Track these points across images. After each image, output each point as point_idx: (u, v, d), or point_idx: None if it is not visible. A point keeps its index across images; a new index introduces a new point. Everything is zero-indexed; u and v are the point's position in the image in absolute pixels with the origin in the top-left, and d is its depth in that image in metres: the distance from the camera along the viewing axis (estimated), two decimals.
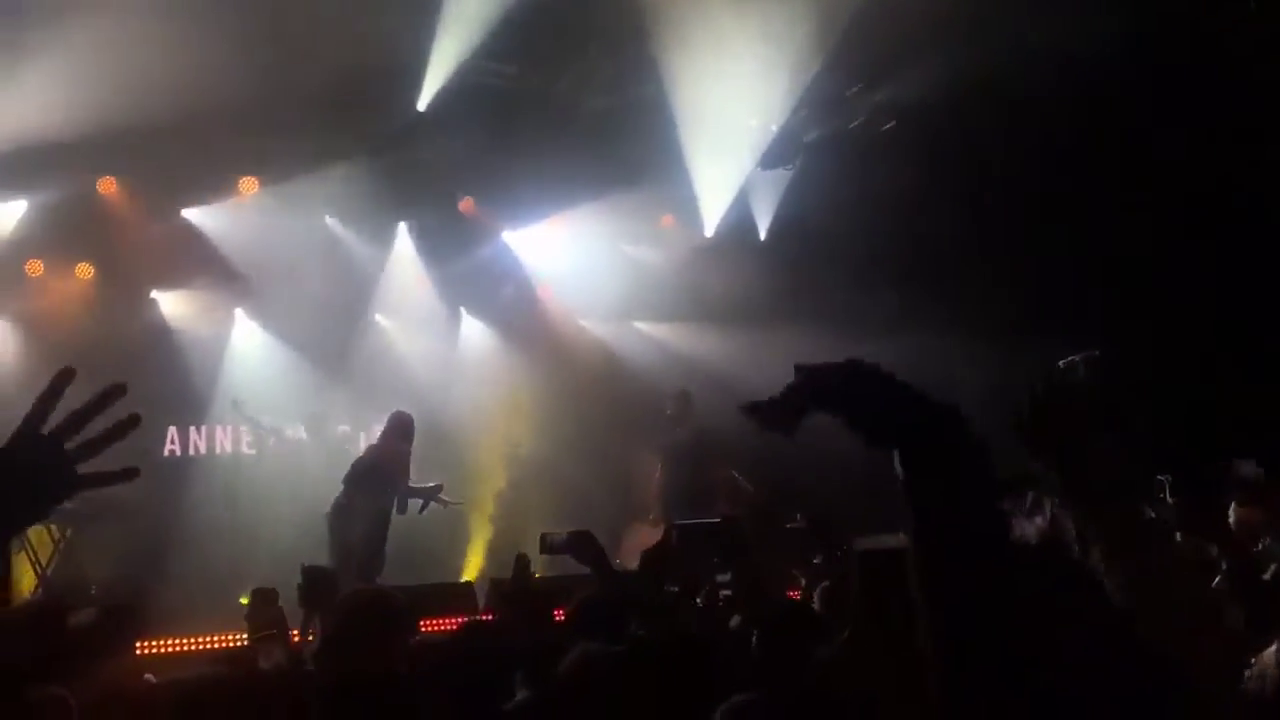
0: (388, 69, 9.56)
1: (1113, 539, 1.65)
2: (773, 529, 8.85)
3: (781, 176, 11.39)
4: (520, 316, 12.07)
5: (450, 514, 9.88)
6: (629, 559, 8.46)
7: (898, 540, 1.90)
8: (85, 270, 10.37)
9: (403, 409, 9.23)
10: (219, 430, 11.10)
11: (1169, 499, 5.60)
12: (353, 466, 9.02)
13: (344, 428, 11.19)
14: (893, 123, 10.02)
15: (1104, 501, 1.72)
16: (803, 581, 5.82)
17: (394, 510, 8.87)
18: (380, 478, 8.79)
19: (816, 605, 3.91)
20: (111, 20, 8.14)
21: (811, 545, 5.63)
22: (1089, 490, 1.75)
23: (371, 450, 9.33)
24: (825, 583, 4.08)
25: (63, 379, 1.52)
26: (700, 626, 3.97)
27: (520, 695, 3.40)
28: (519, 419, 11.58)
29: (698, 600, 4.92)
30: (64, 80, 8.35)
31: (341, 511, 8.71)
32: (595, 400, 11.42)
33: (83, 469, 1.52)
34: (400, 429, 9.04)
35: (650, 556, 3.78)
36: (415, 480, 9.03)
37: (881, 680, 1.88)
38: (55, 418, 1.51)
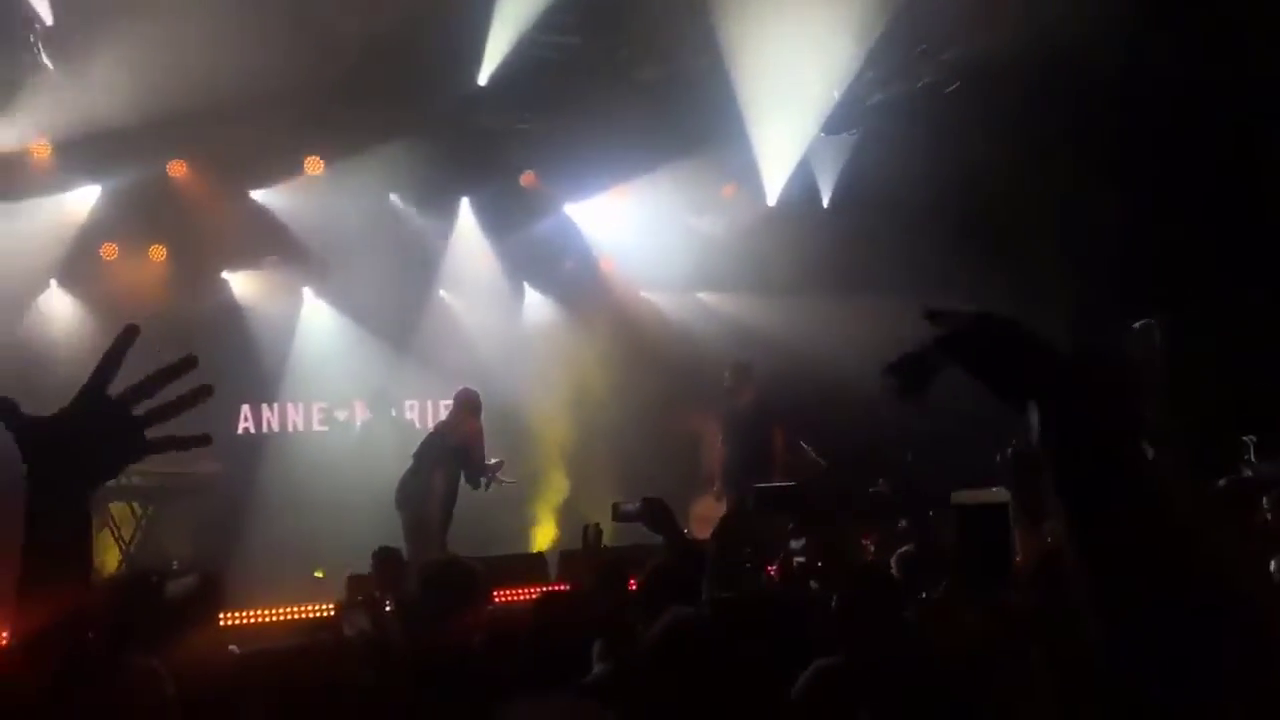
0: (448, 45, 9.59)
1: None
2: (841, 496, 8.81)
3: (845, 142, 11.26)
4: (583, 289, 12.09)
5: (517, 488, 9.95)
6: (695, 530, 8.48)
7: (997, 495, 1.87)
8: (158, 252, 10.56)
9: (469, 385, 9.30)
10: (290, 408, 11.29)
11: (1254, 459, 5.49)
12: (423, 442, 9.14)
13: (412, 402, 11.36)
14: (958, 84, 9.82)
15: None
16: (871, 549, 5.78)
17: (460, 485, 8.95)
18: (451, 453, 8.88)
19: (894, 570, 3.88)
20: (178, 5, 8.27)
21: (890, 511, 5.55)
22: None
23: (441, 426, 9.44)
24: (904, 548, 4.04)
25: (126, 337, 1.50)
26: (776, 593, 3.95)
27: (598, 666, 3.42)
28: (584, 392, 11.61)
29: (770, 568, 4.91)
30: (133, 66, 8.48)
31: (410, 487, 8.82)
32: (659, 372, 11.40)
33: (152, 434, 1.50)
34: (468, 405, 9.12)
35: (725, 523, 3.77)
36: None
37: (980, 635, 1.86)
38: (122, 386, 1.50)
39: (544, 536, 11.16)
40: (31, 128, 9.26)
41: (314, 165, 10.65)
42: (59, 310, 10.14)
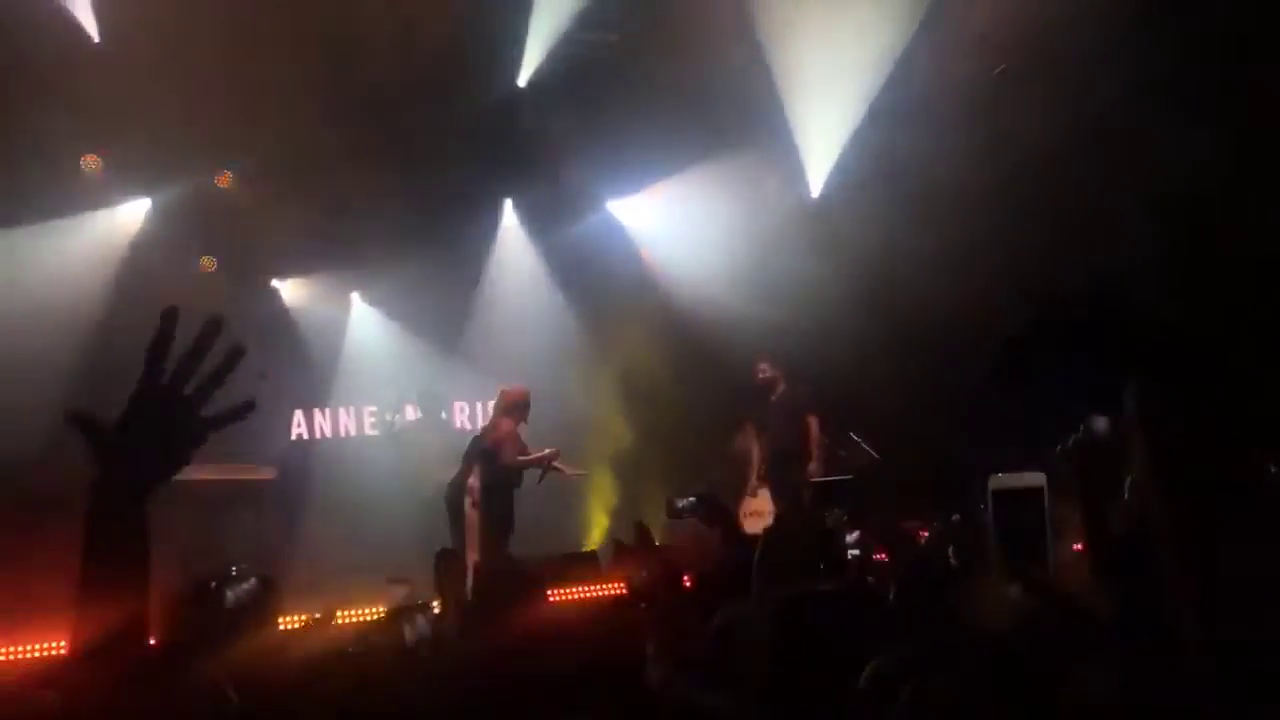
0: (488, 46, 9.61)
1: None
2: (894, 488, 8.73)
3: (889, 130, 11.11)
4: (627, 286, 12.06)
5: (567, 486, 9.94)
6: (747, 525, 8.43)
7: (1031, 479, 1.84)
8: (209, 263, 10.67)
9: (513, 383, 9.27)
10: (342, 412, 11.38)
11: None
12: (470, 444, 9.17)
13: (462, 404, 11.42)
14: (1004, 67, 9.67)
15: None
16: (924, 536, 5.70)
17: (517, 483, 8.95)
18: (482, 455, 8.87)
19: (952, 560, 3.82)
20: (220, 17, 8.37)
21: (945, 501, 5.48)
22: None
23: (485, 428, 9.46)
24: (959, 536, 3.98)
25: (167, 325, 1.50)
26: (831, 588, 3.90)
27: (653, 667, 3.38)
28: (631, 389, 11.60)
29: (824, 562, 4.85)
30: (180, 77, 8.60)
31: (458, 489, 8.85)
32: (706, 367, 11.34)
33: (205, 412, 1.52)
34: (501, 405, 9.09)
35: (779, 520, 3.74)
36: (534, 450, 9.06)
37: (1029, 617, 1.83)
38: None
39: (598, 534, 11.16)
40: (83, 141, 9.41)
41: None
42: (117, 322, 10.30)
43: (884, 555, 3.88)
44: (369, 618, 7.31)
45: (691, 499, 6.49)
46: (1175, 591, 1.01)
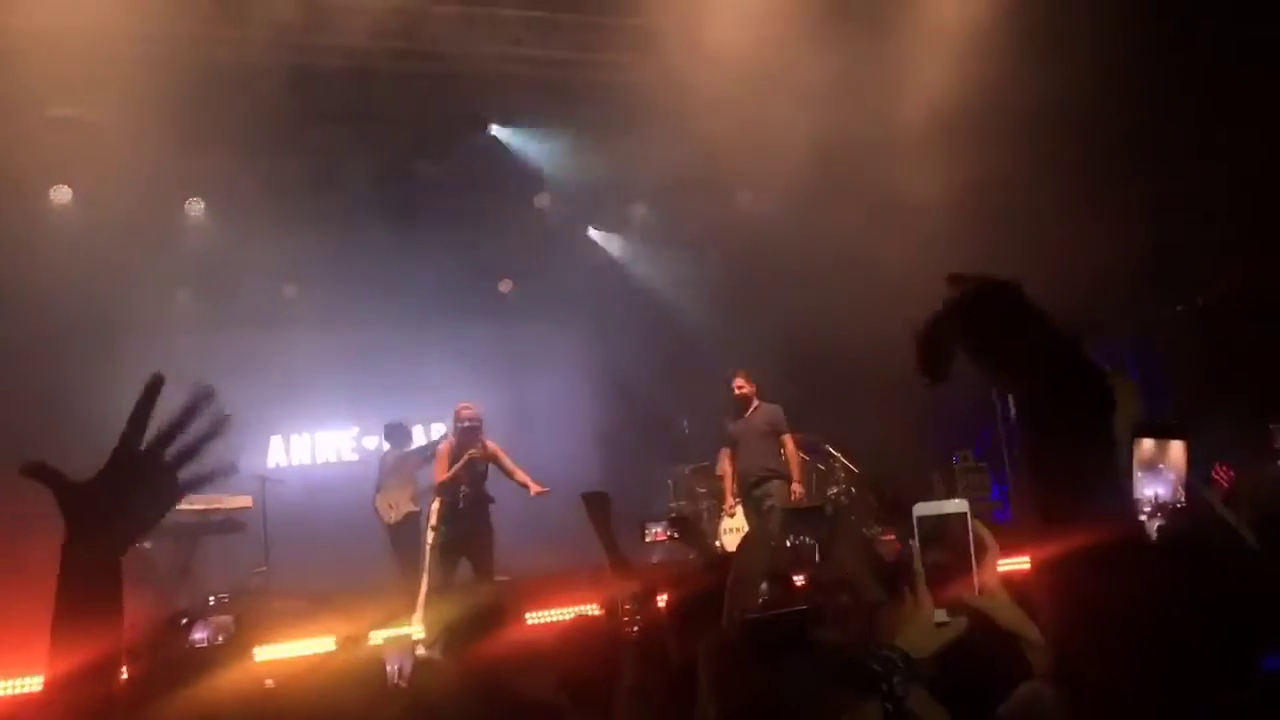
0: None
1: None
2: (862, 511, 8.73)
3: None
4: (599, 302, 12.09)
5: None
6: (726, 544, 8.44)
7: (957, 506, 1.89)
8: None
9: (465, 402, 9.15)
10: (320, 437, 11.37)
11: None
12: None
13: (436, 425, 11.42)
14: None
15: None
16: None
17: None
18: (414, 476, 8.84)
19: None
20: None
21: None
22: None
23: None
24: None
25: (153, 390, 1.54)
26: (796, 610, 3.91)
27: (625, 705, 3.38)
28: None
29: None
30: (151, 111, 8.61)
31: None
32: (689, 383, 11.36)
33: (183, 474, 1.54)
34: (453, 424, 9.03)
35: (745, 543, 3.75)
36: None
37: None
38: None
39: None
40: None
41: None
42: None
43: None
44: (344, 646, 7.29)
45: (664, 522, 6.55)
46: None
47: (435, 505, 8.56)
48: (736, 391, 9.37)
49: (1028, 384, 1.11)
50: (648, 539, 5.93)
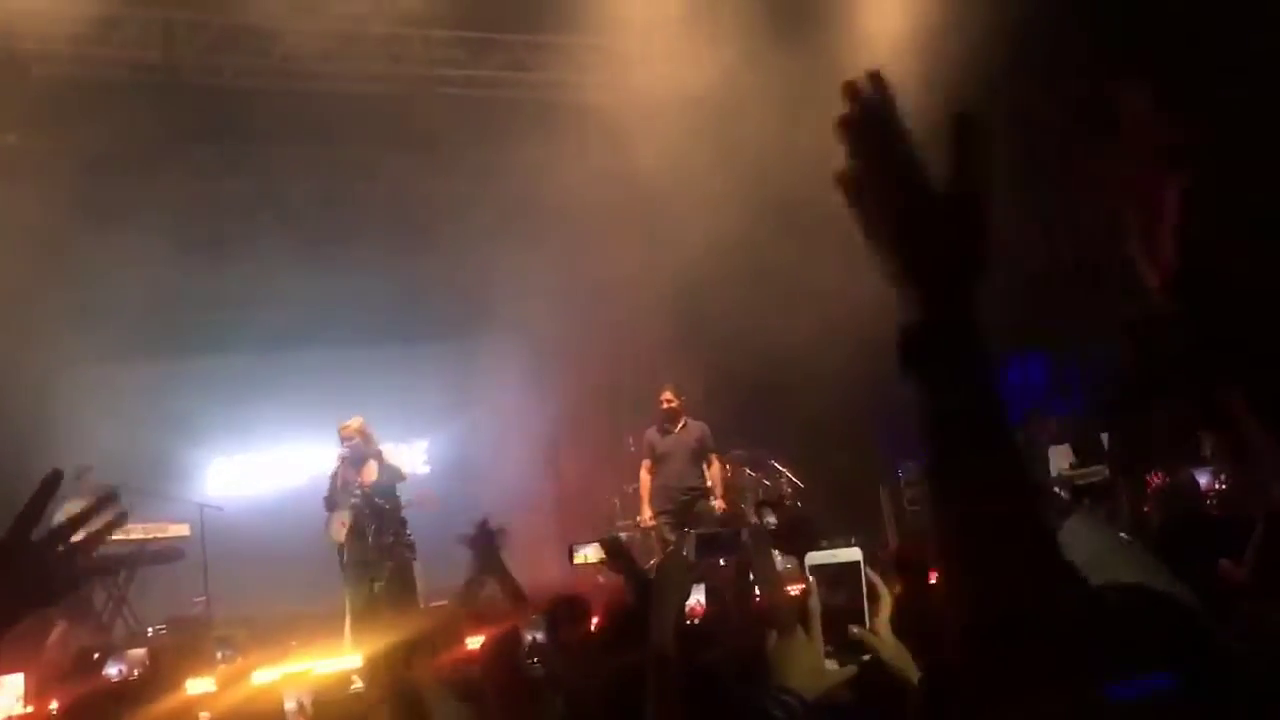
0: None
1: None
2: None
3: None
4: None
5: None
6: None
7: (850, 554, 1.91)
8: None
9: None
10: (255, 465, 11.24)
11: None
12: None
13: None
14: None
15: None
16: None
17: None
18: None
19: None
20: None
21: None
22: None
23: None
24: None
25: (50, 484, 1.56)
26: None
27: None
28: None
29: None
30: None
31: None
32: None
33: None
34: None
35: (661, 568, 3.74)
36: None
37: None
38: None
39: None
40: None
41: None
42: None
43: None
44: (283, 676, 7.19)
45: (594, 543, 6.44)
46: None
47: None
48: (664, 405, 9.11)
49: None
50: (576, 561, 5.87)
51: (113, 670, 3.57)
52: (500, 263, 10.99)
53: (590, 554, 4.32)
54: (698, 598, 4.12)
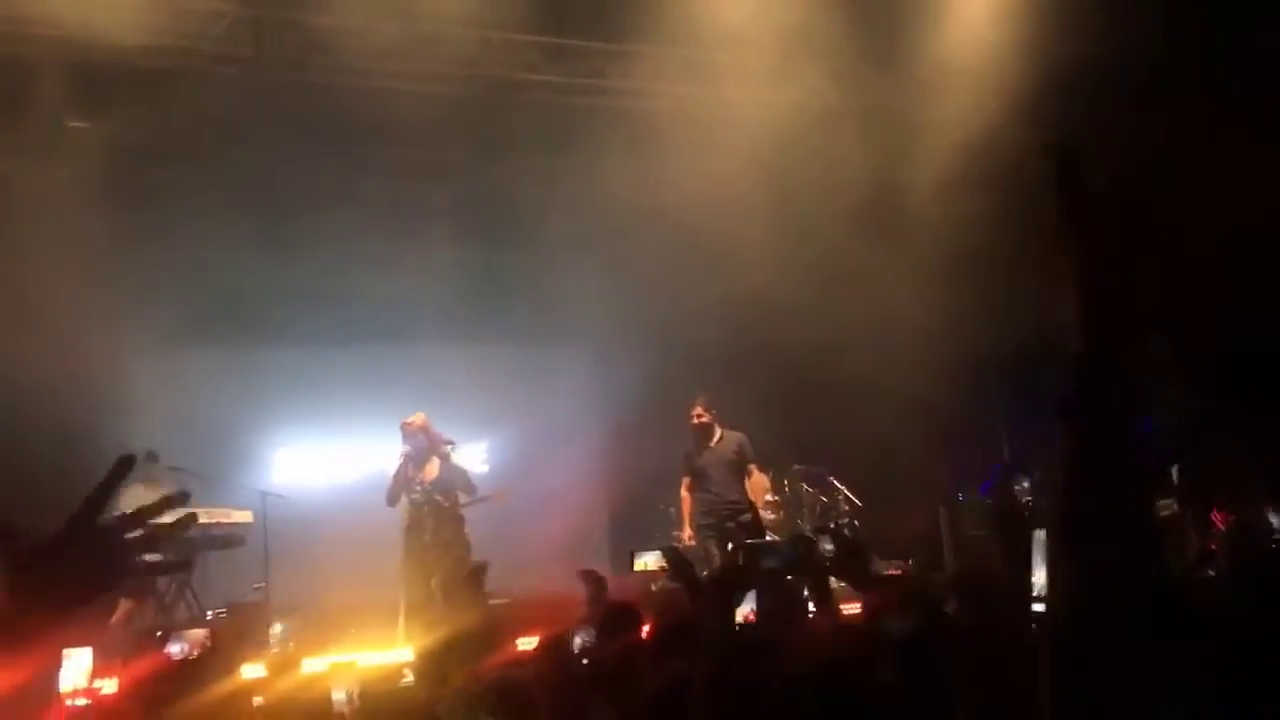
0: None
1: None
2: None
3: None
4: None
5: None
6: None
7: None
8: None
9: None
10: (321, 455, 11.40)
11: None
12: None
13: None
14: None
15: None
16: None
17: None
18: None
19: None
20: None
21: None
22: None
23: None
24: None
25: (121, 469, 1.56)
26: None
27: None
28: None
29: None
30: None
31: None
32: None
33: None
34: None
35: (719, 579, 3.74)
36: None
37: None
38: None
39: None
40: None
41: None
42: None
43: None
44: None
45: (655, 551, 6.48)
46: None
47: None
48: (695, 420, 8.94)
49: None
50: (636, 568, 5.88)
51: (174, 648, 3.65)
52: (569, 270, 11.08)
53: (651, 561, 4.33)
54: (751, 606, 4.11)
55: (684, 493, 9.12)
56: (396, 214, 10.74)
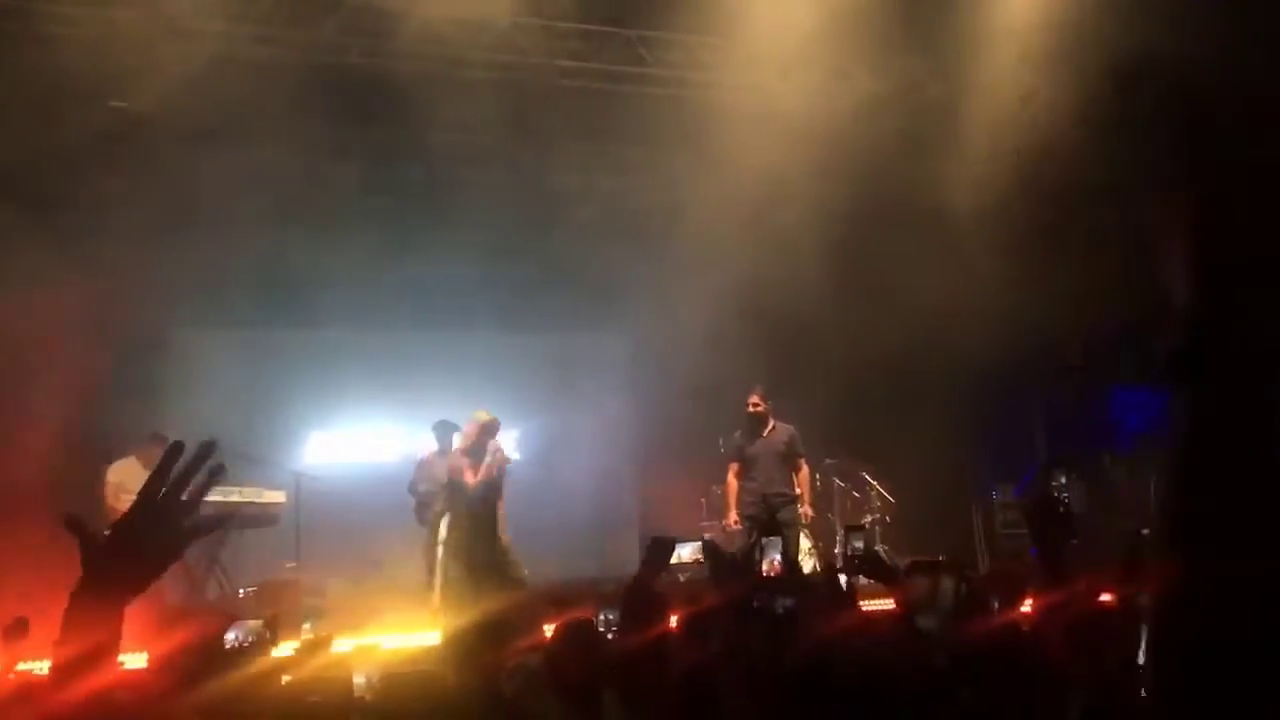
0: None
1: None
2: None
3: None
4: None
5: None
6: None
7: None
8: None
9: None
10: (354, 436, 11.48)
11: None
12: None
13: None
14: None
15: None
16: None
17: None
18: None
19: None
20: None
21: None
22: None
23: None
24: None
25: (173, 455, 1.68)
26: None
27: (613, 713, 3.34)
28: None
29: None
30: None
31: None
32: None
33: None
34: None
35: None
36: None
37: None
38: None
39: None
40: None
41: None
42: None
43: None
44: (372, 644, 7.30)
45: (693, 544, 6.48)
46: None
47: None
48: (751, 409, 9.06)
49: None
50: (673, 560, 5.85)
51: (231, 635, 3.70)
52: (605, 259, 11.07)
53: (685, 553, 4.28)
54: (775, 555, 4.10)
55: (731, 479, 9.20)
56: (432, 199, 10.75)
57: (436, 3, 8.91)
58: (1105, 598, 2.81)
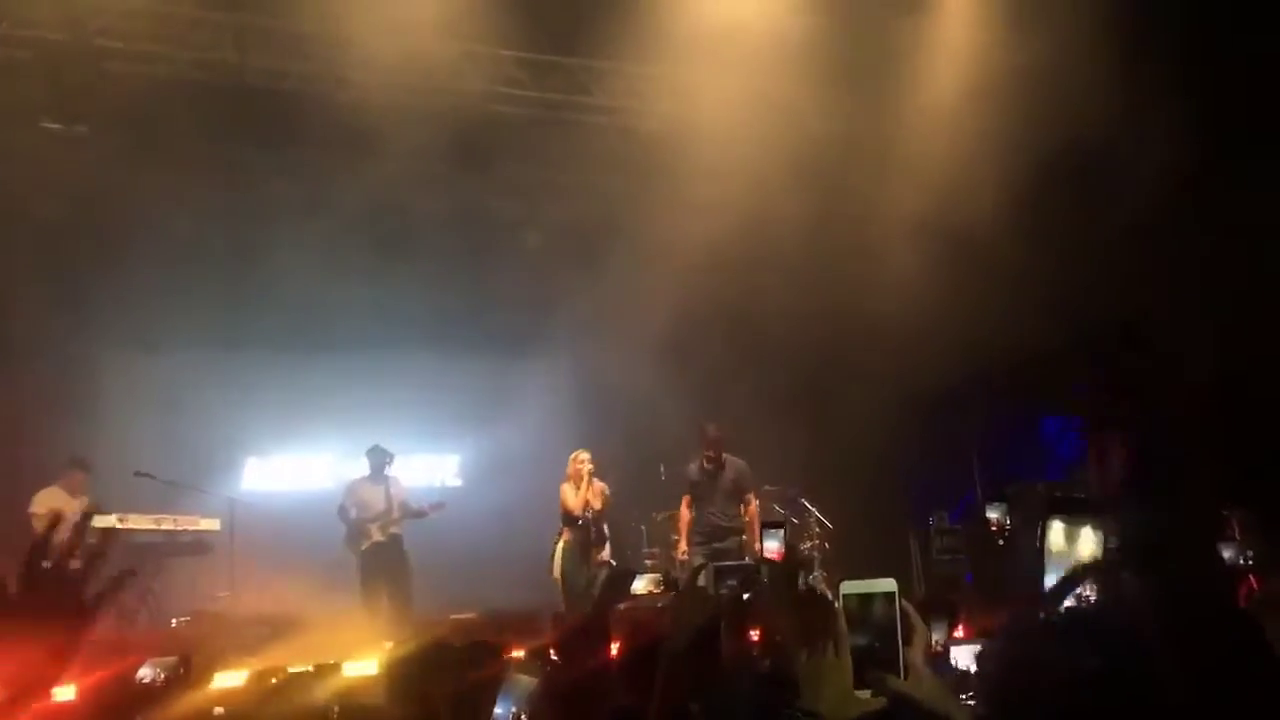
0: None
1: None
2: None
3: None
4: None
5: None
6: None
7: (886, 584, 1.85)
8: None
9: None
10: (291, 462, 11.32)
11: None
12: None
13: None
14: None
15: None
16: None
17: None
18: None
19: None
20: None
21: None
22: None
23: None
24: None
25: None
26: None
27: None
28: None
29: None
30: None
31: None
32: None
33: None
34: None
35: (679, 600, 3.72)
36: None
37: None
38: None
39: None
40: None
41: None
42: None
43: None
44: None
45: (648, 577, 6.48)
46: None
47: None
48: (708, 441, 9.15)
49: None
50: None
51: (144, 673, 3.60)
52: (547, 284, 11.07)
53: (639, 585, 4.28)
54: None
55: (683, 509, 9.36)
56: (371, 224, 10.67)
57: (381, 30, 8.89)
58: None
